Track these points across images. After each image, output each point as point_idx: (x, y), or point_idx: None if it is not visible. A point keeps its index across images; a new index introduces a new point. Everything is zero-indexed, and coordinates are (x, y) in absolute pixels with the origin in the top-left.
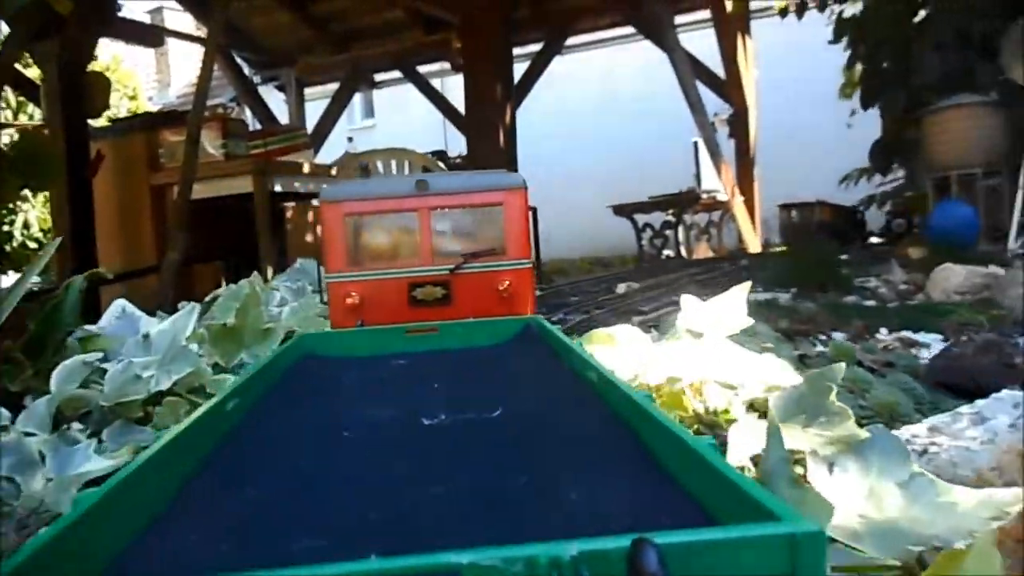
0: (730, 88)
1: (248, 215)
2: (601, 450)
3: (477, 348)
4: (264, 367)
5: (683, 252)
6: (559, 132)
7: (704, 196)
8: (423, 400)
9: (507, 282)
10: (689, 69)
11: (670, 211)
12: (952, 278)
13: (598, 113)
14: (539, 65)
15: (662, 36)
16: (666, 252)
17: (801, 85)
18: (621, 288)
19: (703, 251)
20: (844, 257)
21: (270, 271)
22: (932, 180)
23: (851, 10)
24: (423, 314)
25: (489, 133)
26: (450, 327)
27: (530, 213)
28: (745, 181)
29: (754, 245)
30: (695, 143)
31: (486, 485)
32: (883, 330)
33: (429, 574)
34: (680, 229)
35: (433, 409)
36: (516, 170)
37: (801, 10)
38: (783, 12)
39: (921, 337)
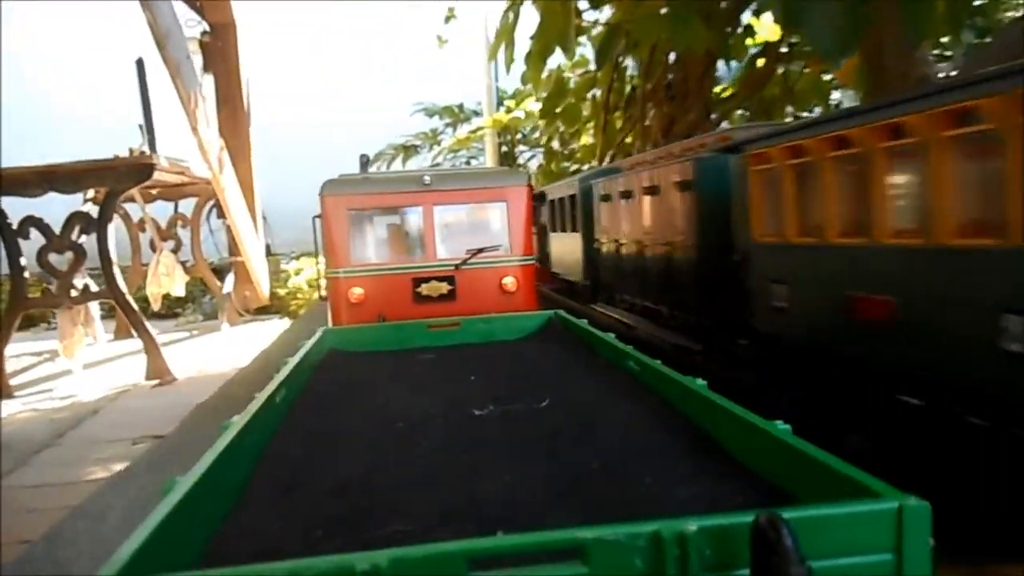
0: None
1: None
2: (665, 436)
3: (501, 342)
4: (299, 362)
5: (122, 282)
6: None
7: (166, 166)
8: (466, 392)
9: (512, 278)
10: None
11: (89, 194)
12: None
13: None
14: None
15: None
16: (83, 282)
17: None
18: None
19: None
20: None
21: None
22: None
23: None
24: (427, 310)
25: None
26: (472, 322)
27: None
28: (235, 145)
29: (263, 285)
30: (139, 61)
31: (560, 470)
32: None
33: (552, 550)
34: (113, 229)
35: (479, 401)
36: None
37: None
38: None
39: None
